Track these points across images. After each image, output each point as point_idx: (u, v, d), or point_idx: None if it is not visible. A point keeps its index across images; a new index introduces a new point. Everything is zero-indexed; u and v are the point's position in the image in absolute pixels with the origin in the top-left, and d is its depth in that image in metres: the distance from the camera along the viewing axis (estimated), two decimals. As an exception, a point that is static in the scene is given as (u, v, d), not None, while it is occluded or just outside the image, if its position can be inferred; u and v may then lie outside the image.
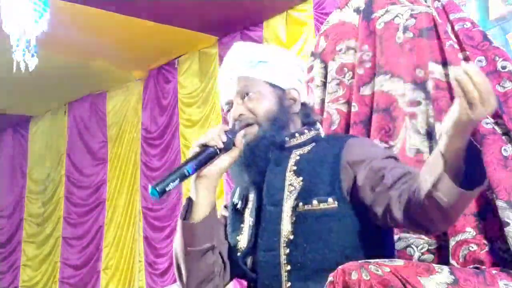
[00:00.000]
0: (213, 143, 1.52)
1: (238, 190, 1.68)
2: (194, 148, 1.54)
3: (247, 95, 1.61)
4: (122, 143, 6.64)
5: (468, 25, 1.79)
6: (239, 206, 1.63)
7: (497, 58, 1.72)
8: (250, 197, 1.63)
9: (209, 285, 1.58)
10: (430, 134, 1.77)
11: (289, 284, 1.49)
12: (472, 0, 3.86)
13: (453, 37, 1.78)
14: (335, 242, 1.49)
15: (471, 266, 1.58)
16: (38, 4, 3.94)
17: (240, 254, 1.59)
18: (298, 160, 1.58)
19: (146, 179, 6.17)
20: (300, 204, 1.51)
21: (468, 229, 1.63)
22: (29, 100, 6.96)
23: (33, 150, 7.66)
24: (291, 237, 1.50)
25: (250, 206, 1.62)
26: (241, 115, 1.59)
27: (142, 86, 6.51)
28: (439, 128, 1.70)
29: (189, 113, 6.04)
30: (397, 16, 1.92)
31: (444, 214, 1.34)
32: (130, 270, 6.32)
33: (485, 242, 1.62)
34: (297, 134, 1.62)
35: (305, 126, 1.66)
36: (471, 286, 1.37)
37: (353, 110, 1.93)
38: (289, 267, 1.50)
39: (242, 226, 1.62)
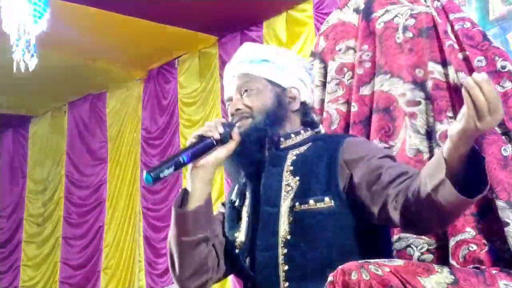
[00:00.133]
0: (209, 134, 1.53)
1: (236, 188, 1.68)
2: (191, 139, 1.55)
3: (246, 91, 1.63)
4: (122, 143, 6.63)
5: (468, 25, 1.79)
6: (237, 204, 1.64)
7: (497, 58, 1.72)
8: (247, 194, 1.63)
9: (201, 278, 1.58)
10: (430, 134, 1.77)
11: (286, 284, 1.49)
12: (472, 0, 3.85)
13: (452, 37, 1.78)
14: (332, 241, 1.49)
15: (471, 266, 1.57)
16: (38, 4, 3.93)
17: (238, 250, 1.59)
18: (294, 160, 1.59)
19: (146, 179, 6.14)
20: (297, 204, 1.52)
21: (468, 229, 1.63)
22: (29, 100, 6.95)
23: (33, 150, 7.64)
24: (289, 237, 1.51)
25: (247, 204, 1.62)
26: (238, 110, 1.62)
27: (142, 86, 6.50)
28: (440, 127, 1.71)
29: (189, 113, 6.03)
30: (396, 16, 1.92)
31: (441, 217, 1.35)
32: (130, 270, 6.31)
33: (485, 242, 1.62)
34: (292, 135, 1.63)
35: (302, 125, 1.67)
36: (471, 286, 1.37)
37: (352, 110, 1.93)
38: (286, 267, 1.50)
39: (240, 223, 1.62)
